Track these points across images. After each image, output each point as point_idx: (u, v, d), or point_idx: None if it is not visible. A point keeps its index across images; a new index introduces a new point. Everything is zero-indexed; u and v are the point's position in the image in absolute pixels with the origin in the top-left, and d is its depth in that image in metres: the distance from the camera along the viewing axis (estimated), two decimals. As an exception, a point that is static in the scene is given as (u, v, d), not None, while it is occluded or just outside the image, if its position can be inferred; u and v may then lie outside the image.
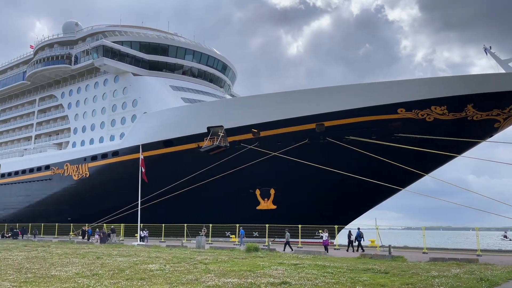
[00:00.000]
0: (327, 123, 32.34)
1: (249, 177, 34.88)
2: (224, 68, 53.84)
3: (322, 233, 26.82)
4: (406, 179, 33.21)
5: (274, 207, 35.48)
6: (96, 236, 36.79)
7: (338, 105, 31.67)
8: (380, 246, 28.26)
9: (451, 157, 32.28)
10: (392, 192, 34.01)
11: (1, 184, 56.32)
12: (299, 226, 29.21)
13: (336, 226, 29.00)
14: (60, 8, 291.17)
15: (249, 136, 35.05)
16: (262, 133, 34.58)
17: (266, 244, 27.37)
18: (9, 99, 64.85)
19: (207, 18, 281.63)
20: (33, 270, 14.61)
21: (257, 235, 33.55)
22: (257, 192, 35.98)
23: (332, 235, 29.21)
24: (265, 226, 30.69)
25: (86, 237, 37.89)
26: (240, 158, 34.67)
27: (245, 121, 35.14)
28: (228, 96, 51.81)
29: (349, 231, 27.11)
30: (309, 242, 30.86)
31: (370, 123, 31.05)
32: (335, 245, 29.00)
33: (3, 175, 56.84)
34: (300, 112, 32.84)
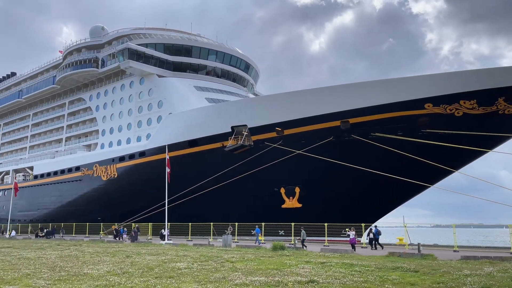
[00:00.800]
0: (352, 120, 31.98)
1: (274, 176, 34.89)
2: (247, 67, 54.04)
3: (348, 231, 26.57)
4: (435, 176, 32.45)
5: (299, 205, 35.37)
6: (125, 236, 37.66)
7: (363, 101, 31.26)
8: (409, 244, 27.73)
9: (482, 153, 31.35)
10: (420, 189, 33.32)
11: (35, 186, 58.40)
12: (325, 224, 29.01)
13: (363, 224, 28.66)
14: (85, 12, 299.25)
15: (273, 134, 35.06)
16: (286, 132, 34.52)
17: (292, 242, 27.32)
18: (40, 103, 67.19)
19: (227, 18, 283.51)
20: (66, 269, 15.06)
21: (283, 233, 33.53)
22: (282, 190, 35.95)
23: (359, 233, 28.88)
24: (291, 225, 30.62)
25: (118, 237, 38.45)
26: (264, 157, 34.74)
27: (269, 120, 35.16)
28: (251, 95, 51.96)
29: (369, 229, 26.93)
30: (336, 240, 30.63)
31: (396, 119, 30.50)
32: (362, 244, 28.66)
33: (36, 177, 58.99)
34: (325, 109, 32.60)
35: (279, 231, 33.99)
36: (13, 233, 48.39)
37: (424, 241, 35.33)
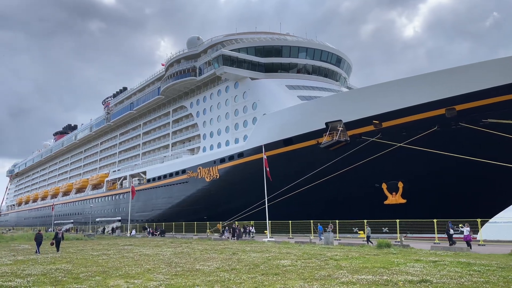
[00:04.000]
0: (458, 107, 29.33)
1: (374, 171, 33.57)
2: (338, 61, 52.91)
3: (462, 227, 24.41)
4: None
5: (403, 201, 33.49)
6: (226, 233, 39.29)
7: (471, 85, 28.48)
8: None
9: None
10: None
11: (148, 189, 64.28)
12: (434, 220, 27.04)
13: (479, 220, 26.06)
14: (178, 25, 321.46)
15: (370, 128, 33.76)
16: (384, 124, 32.96)
17: (398, 240, 26.01)
18: (148, 113, 73.88)
19: (311, 13, 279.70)
20: (181, 264, 16.30)
21: (387, 230, 32.10)
22: (384, 186, 34.40)
23: (475, 230, 26.37)
24: (396, 222, 29.16)
25: (235, 235, 37.06)
26: (362, 152, 33.60)
27: (365, 113, 33.94)
28: (344, 89, 50.70)
29: (447, 224, 25.32)
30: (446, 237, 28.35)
31: (513, 102, 27.18)
32: (479, 241, 26.12)
33: (149, 181, 64.93)
34: (427, 97, 30.42)
35: (383, 228, 32.61)
36: (133, 232, 53.82)
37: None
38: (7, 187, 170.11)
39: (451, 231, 25.06)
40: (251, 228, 38.04)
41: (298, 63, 49.95)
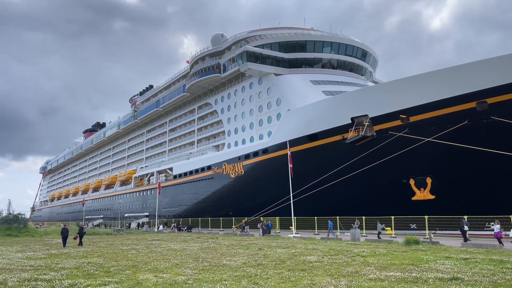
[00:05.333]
0: (490, 100, 28.37)
1: (401, 167, 32.92)
2: (364, 55, 52.09)
3: (493, 224, 23.67)
4: None
5: (432, 197, 32.72)
6: (246, 227, 39.63)
7: (503, 78, 27.48)
8: None
9: None
10: None
11: (175, 185, 65.31)
12: (465, 217, 26.31)
13: (511, 216, 25.21)
14: (200, 22, 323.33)
15: (397, 123, 33.12)
16: (412, 119, 32.27)
17: (427, 236, 25.48)
18: (174, 110, 75.00)
19: (335, 7, 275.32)
20: (208, 259, 16.53)
21: (415, 227, 31.49)
22: (412, 181, 33.71)
23: (507, 227, 25.49)
24: (424, 218, 28.56)
25: (267, 231, 36.39)
26: (389, 147, 33.01)
27: (392, 108, 33.31)
28: (370, 84, 49.86)
29: (462, 221, 25.16)
30: (478, 234, 27.56)
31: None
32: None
33: (175, 177, 65.95)
34: (456, 91, 29.56)
35: (410, 224, 32.01)
36: (161, 227, 54.86)
37: None
38: (40, 183, 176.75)
39: (466, 228, 24.92)
40: (266, 223, 38.27)
41: (323, 58, 49.48)
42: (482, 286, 9.65)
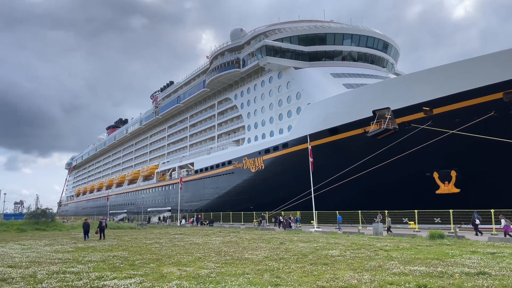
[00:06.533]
0: (517, 90, 27.49)
1: (424, 160, 32.34)
2: (385, 46, 51.19)
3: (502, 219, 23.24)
4: None
5: (457, 190, 32.06)
6: (263, 221, 39.70)
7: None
8: None
9: None
10: None
11: (196, 179, 65.99)
12: (492, 210, 25.69)
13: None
14: (218, 17, 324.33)
15: (420, 115, 32.49)
16: (435, 111, 31.59)
17: (452, 231, 24.99)
18: (194, 106, 75.60)
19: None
20: (230, 253, 16.65)
21: (439, 221, 30.92)
22: (435, 175, 33.08)
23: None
24: (449, 212, 28.01)
25: (288, 225, 36.02)
26: (412, 140, 32.46)
27: (414, 100, 32.68)
28: (392, 76, 49.03)
29: (473, 215, 25.27)
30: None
31: None
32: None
33: (196, 172, 66.61)
34: (481, 81, 28.76)
35: (435, 218, 31.43)
36: (183, 221, 55.61)
37: None
38: (66, 179, 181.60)
39: (477, 221, 24.96)
40: (281, 218, 38.51)
41: (343, 50, 48.88)
42: (510, 281, 9.40)
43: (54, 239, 27.11)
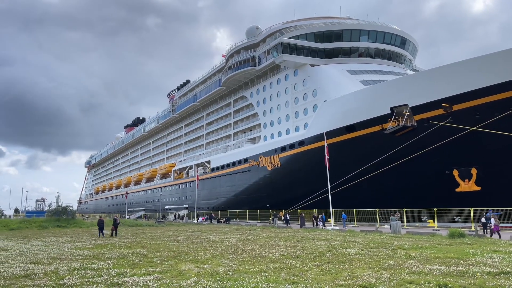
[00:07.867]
0: (541, 85, 26.75)
1: (444, 157, 31.80)
2: (403, 42, 50.43)
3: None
4: None
5: (477, 188, 31.42)
6: (275, 219, 39.70)
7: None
8: None
9: None
10: None
11: (213, 177, 66.37)
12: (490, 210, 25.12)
13: None
14: (232, 15, 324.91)
15: (439, 112, 31.92)
16: (455, 107, 30.99)
17: (473, 229, 24.53)
18: (211, 104, 75.99)
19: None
20: (247, 251, 16.70)
21: (459, 219, 30.36)
22: (455, 172, 32.48)
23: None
24: (469, 210, 27.47)
25: (321, 224, 34.78)
26: (431, 137, 31.93)
27: (433, 96, 32.13)
28: (410, 72, 48.27)
29: (483, 214, 24.73)
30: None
31: None
32: None
33: (213, 170, 66.97)
34: (502, 77, 28.10)
35: (454, 217, 30.88)
36: (200, 219, 56.00)
37: None
38: (85, 177, 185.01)
39: (483, 219, 24.63)
40: (287, 216, 38.68)
41: (360, 46, 48.37)
42: (534, 282, 9.18)
43: (74, 236, 27.68)
